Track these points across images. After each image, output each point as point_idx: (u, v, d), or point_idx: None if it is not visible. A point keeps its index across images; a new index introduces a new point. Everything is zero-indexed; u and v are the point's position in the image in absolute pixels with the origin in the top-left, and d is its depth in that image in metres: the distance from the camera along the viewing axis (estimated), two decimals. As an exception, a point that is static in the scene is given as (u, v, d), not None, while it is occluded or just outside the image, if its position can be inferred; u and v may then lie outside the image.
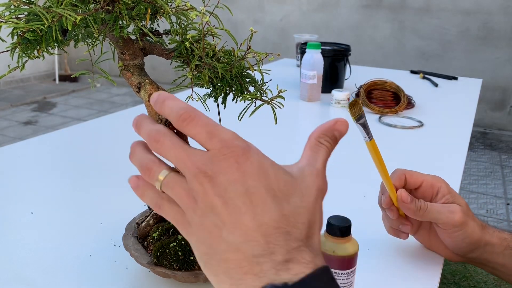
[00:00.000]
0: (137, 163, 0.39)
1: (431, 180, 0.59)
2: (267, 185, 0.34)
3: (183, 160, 0.36)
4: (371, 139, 0.55)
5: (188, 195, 0.35)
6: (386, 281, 0.58)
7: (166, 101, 0.37)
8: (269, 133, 1.12)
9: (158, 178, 0.37)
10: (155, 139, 0.37)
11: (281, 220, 0.34)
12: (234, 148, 0.35)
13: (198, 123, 0.36)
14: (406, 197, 0.57)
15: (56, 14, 0.39)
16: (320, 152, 0.40)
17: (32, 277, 0.56)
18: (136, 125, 0.40)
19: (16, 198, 0.77)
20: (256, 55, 0.48)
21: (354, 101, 0.53)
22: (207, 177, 0.34)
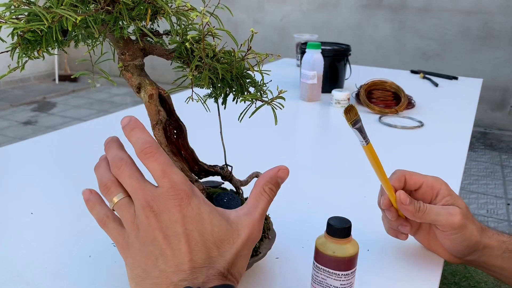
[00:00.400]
0: (98, 177, 0.45)
1: (431, 182, 0.59)
2: (201, 230, 0.41)
3: (136, 191, 0.41)
4: (368, 143, 0.55)
5: (134, 222, 0.41)
6: (387, 281, 0.58)
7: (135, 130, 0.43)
8: (269, 133, 1.12)
9: (113, 199, 0.43)
10: (117, 166, 0.43)
11: (208, 260, 0.40)
12: (180, 191, 0.41)
13: (157, 160, 0.41)
14: (405, 198, 0.56)
15: (56, 14, 0.39)
16: (261, 202, 0.45)
17: (32, 277, 0.56)
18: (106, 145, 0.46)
19: (16, 198, 0.77)
20: (257, 56, 0.48)
21: (349, 106, 0.53)
22: (153, 212, 0.40)
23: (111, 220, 0.43)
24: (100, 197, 0.45)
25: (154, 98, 0.50)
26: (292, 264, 0.60)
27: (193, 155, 0.56)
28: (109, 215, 0.44)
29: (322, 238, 0.51)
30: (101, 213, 0.44)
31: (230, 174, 0.58)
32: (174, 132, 0.54)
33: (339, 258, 0.49)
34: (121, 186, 0.43)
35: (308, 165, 0.99)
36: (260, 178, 0.46)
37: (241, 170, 0.65)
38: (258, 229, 0.44)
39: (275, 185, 0.46)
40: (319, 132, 1.31)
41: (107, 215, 0.44)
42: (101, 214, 0.44)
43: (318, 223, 0.65)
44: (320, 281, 0.51)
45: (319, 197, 0.81)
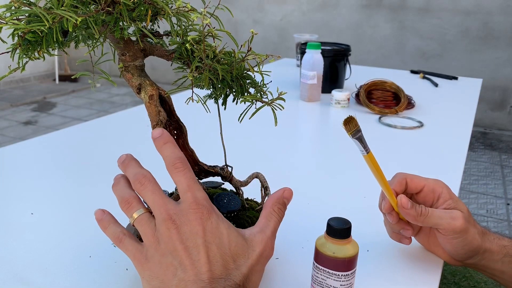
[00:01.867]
0: (118, 194, 0.47)
1: (432, 185, 0.59)
2: (220, 243, 0.43)
3: (159, 205, 0.44)
4: (368, 152, 0.55)
5: (154, 236, 0.43)
6: (386, 282, 0.58)
7: (167, 144, 0.46)
8: (269, 134, 1.12)
9: (133, 215, 0.45)
10: (140, 182, 0.45)
11: (225, 271, 0.42)
12: (201, 206, 0.43)
13: (185, 175, 0.44)
14: (406, 203, 0.56)
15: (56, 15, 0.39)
16: (272, 220, 0.48)
17: (32, 277, 0.56)
18: (123, 164, 0.48)
19: (16, 198, 0.77)
20: (257, 57, 0.48)
21: (348, 117, 0.53)
22: (174, 224, 0.42)
23: (127, 237, 0.45)
24: (113, 216, 0.47)
25: (155, 99, 0.50)
26: (292, 265, 0.60)
27: (193, 156, 0.56)
28: (125, 232, 0.46)
29: (322, 239, 0.51)
30: (117, 231, 0.46)
31: (230, 174, 0.58)
32: (174, 133, 0.54)
33: (339, 259, 0.49)
34: (142, 203, 0.46)
35: (308, 165, 0.99)
36: (268, 200, 0.49)
37: (241, 170, 0.65)
38: (271, 246, 0.47)
39: (282, 205, 0.49)
40: (319, 132, 1.31)
41: (122, 232, 0.45)
42: (117, 232, 0.45)
43: (318, 224, 0.65)
44: (320, 281, 0.51)
45: (319, 198, 0.81)
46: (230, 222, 0.54)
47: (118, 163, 0.48)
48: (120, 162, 0.48)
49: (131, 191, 0.46)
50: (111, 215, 0.47)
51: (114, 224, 0.46)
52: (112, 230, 0.46)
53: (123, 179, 0.48)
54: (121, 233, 0.45)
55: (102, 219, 0.47)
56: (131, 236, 0.45)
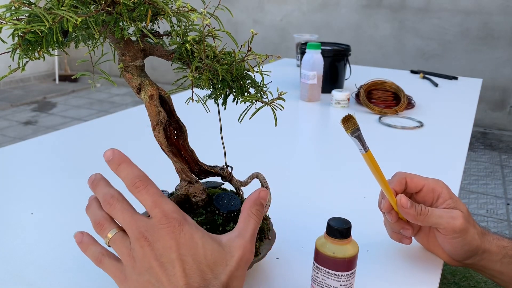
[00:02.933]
0: (91, 216, 0.46)
1: (432, 184, 0.59)
2: (195, 254, 0.42)
3: (129, 224, 0.43)
4: (367, 150, 0.55)
5: (129, 254, 0.43)
6: (386, 282, 0.58)
7: (122, 164, 0.45)
8: (269, 134, 1.12)
9: (107, 235, 0.45)
10: (108, 202, 0.44)
11: (203, 282, 0.42)
12: (172, 219, 0.43)
13: (148, 192, 0.43)
14: (405, 202, 0.56)
15: (56, 15, 0.39)
16: (250, 223, 0.47)
17: (32, 277, 0.56)
18: (92, 184, 0.47)
19: (16, 198, 0.77)
20: (257, 57, 0.48)
21: (347, 116, 0.53)
22: (147, 242, 0.42)
23: (106, 257, 0.45)
24: (92, 237, 0.47)
25: (155, 99, 0.50)
26: (292, 265, 0.60)
27: (193, 156, 0.56)
28: (103, 252, 0.45)
29: (322, 239, 0.51)
30: (96, 251, 0.45)
31: (230, 174, 0.58)
32: (174, 133, 0.54)
33: (339, 259, 0.49)
34: (114, 222, 0.45)
35: (308, 165, 0.99)
36: (245, 203, 0.48)
37: (241, 170, 0.65)
38: (250, 250, 0.46)
39: (260, 206, 0.48)
40: (319, 132, 1.31)
41: (102, 253, 0.45)
42: (96, 252, 0.45)
43: (318, 224, 0.65)
44: (320, 281, 0.51)
45: (319, 198, 0.81)
46: (230, 222, 0.54)
47: (88, 184, 0.47)
48: (89, 182, 0.47)
49: (103, 212, 0.46)
50: (90, 236, 0.47)
51: (94, 245, 0.46)
52: (92, 251, 0.45)
53: (95, 201, 0.47)
54: (100, 254, 0.45)
55: (82, 242, 0.46)
56: (110, 256, 0.45)
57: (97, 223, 0.45)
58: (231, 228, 0.52)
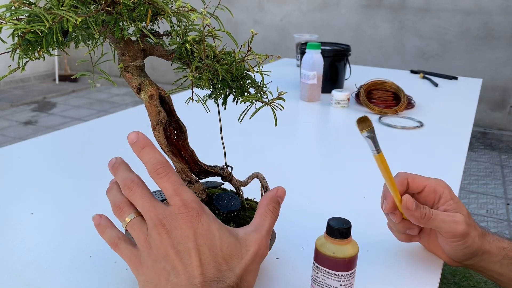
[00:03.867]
0: (111, 199, 0.46)
1: (434, 185, 0.58)
2: (211, 245, 0.43)
3: (148, 210, 0.43)
4: (379, 152, 0.55)
5: (146, 240, 0.43)
6: (386, 282, 0.58)
7: (146, 148, 0.45)
8: (269, 134, 1.12)
9: (125, 219, 0.45)
10: (129, 187, 0.44)
11: (218, 273, 0.42)
12: (191, 209, 0.43)
13: (169, 180, 0.43)
14: (411, 204, 0.56)
15: (56, 15, 0.39)
16: (267, 219, 0.47)
17: (32, 277, 0.56)
18: (113, 168, 0.47)
19: (16, 198, 0.77)
20: (257, 57, 0.48)
21: (363, 117, 0.53)
22: (165, 229, 0.42)
23: (123, 241, 0.45)
24: (110, 221, 0.47)
25: (155, 99, 0.50)
26: (292, 265, 0.60)
27: (193, 156, 0.56)
28: (120, 236, 0.46)
29: (322, 239, 0.51)
30: (112, 235, 0.46)
31: (230, 174, 0.58)
32: (174, 133, 0.54)
33: (339, 259, 0.49)
34: (133, 207, 0.45)
35: (308, 165, 0.99)
36: (262, 199, 0.49)
37: (241, 170, 0.65)
38: (265, 246, 0.46)
39: (277, 203, 0.49)
40: (319, 132, 1.31)
41: (118, 236, 0.45)
42: (113, 236, 0.45)
43: (318, 224, 0.65)
44: (320, 281, 0.51)
45: (319, 197, 0.81)
46: (230, 222, 0.54)
47: (108, 167, 0.48)
48: (110, 166, 0.47)
49: (122, 196, 0.46)
50: (108, 220, 0.47)
51: (111, 229, 0.46)
52: (108, 235, 0.46)
53: (116, 184, 0.47)
54: (117, 238, 0.45)
55: (100, 224, 0.46)
56: (126, 240, 0.45)
57: (116, 206, 0.45)
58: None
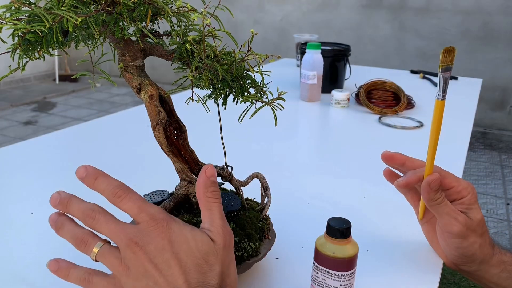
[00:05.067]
0: (69, 236, 0.44)
1: (460, 188, 0.58)
2: (188, 249, 0.42)
3: (117, 233, 0.42)
4: (444, 99, 0.54)
5: (121, 263, 0.42)
6: (386, 282, 0.58)
7: (99, 178, 0.43)
8: (269, 134, 1.13)
9: (93, 250, 0.43)
10: (91, 217, 0.43)
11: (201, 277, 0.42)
12: (160, 220, 0.42)
13: (130, 199, 0.42)
14: (435, 185, 0.55)
15: (56, 15, 0.39)
16: (213, 208, 0.46)
17: (32, 277, 0.56)
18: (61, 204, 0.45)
19: (16, 198, 0.77)
20: (257, 57, 0.48)
21: (450, 48, 0.51)
22: (138, 247, 0.41)
23: (94, 275, 0.43)
24: (69, 261, 0.45)
25: (155, 99, 0.50)
26: (292, 265, 0.60)
27: (193, 156, 0.56)
28: (89, 271, 0.44)
29: (322, 239, 0.51)
30: (80, 273, 0.43)
31: (230, 174, 0.58)
32: (174, 133, 0.54)
33: (338, 259, 0.49)
34: (97, 236, 0.44)
35: (308, 165, 0.99)
36: (197, 189, 0.47)
37: (241, 170, 0.65)
38: (228, 231, 0.45)
39: (212, 185, 0.46)
40: (319, 132, 1.31)
41: (87, 272, 0.44)
42: (81, 274, 0.43)
43: (318, 223, 0.65)
44: (320, 281, 0.51)
45: (319, 197, 0.81)
46: (230, 222, 0.54)
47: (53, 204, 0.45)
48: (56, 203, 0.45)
49: (81, 229, 0.44)
50: (66, 261, 0.45)
51: (75, 268, 0.44)
52: (75, 275, 0.43)
53: (67, 220, 0.45)
54: (87, 274, 0.43)
55: (59, 268, 0.44)
56: (97, 273, 0.44)
57: (79, 240, 0.43)
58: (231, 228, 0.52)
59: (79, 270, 0.44)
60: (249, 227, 0.55)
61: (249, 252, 0.53)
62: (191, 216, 0.54)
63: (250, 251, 0.53)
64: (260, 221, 0.57)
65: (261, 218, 0.58)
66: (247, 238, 0.53)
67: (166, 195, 0.59)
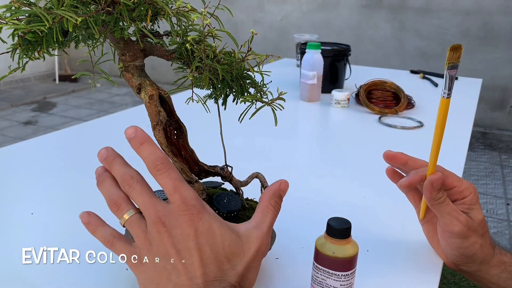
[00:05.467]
0: (106, 195, 0.44)
1: (462, 188, 0.57)
2: (213, 243, 0.42)
3: (148, 207, 0.42)
4: (449, 97, 0.54)
5: (146, 238, 0.42)
6: (386, 282, 0.58)
7: (144, 144, 0.43)
8: (269, 134, 1.12)
9: (123, 216, 0.43)
10: (128, 183, 0.43)
11: (220, 273, 0.41)
12: (191, 207, 0.42)
13: (169, 176, 0.42)
14: (437, 184, 0.55)
15: (56, 15, 0.39)
16: (268, 215, 0.46)
17: (32, 277, 0.56)
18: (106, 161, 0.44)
19: (16, 198, 0.77)
20: (257, 57, 0.48)
21: (458, 45, 0.51)
22: (165, 227, 0.41)
23: (118, 239, 0.44)
24: (100, 218, 0.45)
25: (155, 99, 0.50)
26: (292, 265, 0.60)
27: (193, 156, 0.56)
28: (115, 234, 0.44)
29: (322, 239, 0.51)
30: (106, 234, 0.44)
31: (230, 174, 0.58)
32: (174, 133, 0.54)
33: (339, 259, 0.49)
34: (131, 203, 0.44)
35: (308, 165, 0.99)
36: (264, 193, 0.47)
37: (241, 170, 0.65)
38: (267, 242, 0.46)
39: (279, 198, 0.47)
40: (319, 132, 1.31)
41: (113, 235, 0.44)
42: (107, 235, 0.44)
43: (318, 223, 0.65)
44: (320, 281, 0.51)
45: (319, 197, 0.81)
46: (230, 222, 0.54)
47: (99, 159, 0.45)
48: (102, 158, 0.45)
49: (119, 191, 0.44)
50: (98, 217, 0.45)
51: (103, 227, 0.44)
52: (101, 233, 0.44)
53: (109, 177, 0.45)
54: (111, 236, 0.43)
55: (89, 222, 0.44)
56: (122, 238, 0.44)
57: (113, 202, 0.43)
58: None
59: (106, 230, 0.44)
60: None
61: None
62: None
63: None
64: (260, 221, 0.57)
65: (261, 218, 0.58)
66: (247, 238, 0.53)
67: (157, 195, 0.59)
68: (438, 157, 0.58)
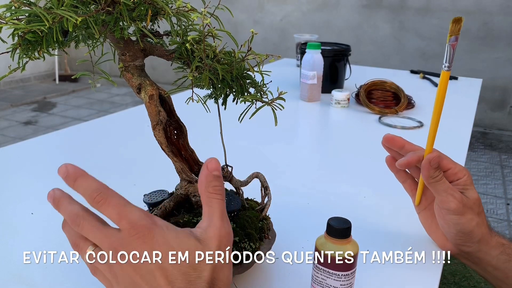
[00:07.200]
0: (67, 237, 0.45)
1: (457, 170, 0.60)
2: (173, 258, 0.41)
3: (101, 241, 0.42)
4: (449, 70, 0.55)
5: (111, 271, 0.42)
6: (386, 282, 0.58)
7: (78, 180, 0.43)
8: (269, 134, 1.12)
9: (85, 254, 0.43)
10: (76, 223, 0.43)
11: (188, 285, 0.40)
12: (140, 228, 0.41)
13: (109, 204, 0.41)
14: (435, 162, 0.58)
15: (56, 15, 0.39)
16: (213, 205, 0.44)
17: (32, 277, 0.56)
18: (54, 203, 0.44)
19: (16, 198, 0.77)
20: (257, 56, 0.48)
21: (459, 18, 0.53)
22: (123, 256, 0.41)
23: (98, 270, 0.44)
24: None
25: (155, 99, 0.50)
26: (292, 265, 0.60)
27: (193, 156, 0.56)
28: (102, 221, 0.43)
29: (322, 239, 0.51)
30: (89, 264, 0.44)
31: (230, 174, 0.58)
32: (174, 133, 0.54)
33: (339, 259, 0.49)
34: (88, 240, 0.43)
35: (308, 165, 0.99)
36: (199, 185, 0.45)
37: (241, 170, 0.65)
38: (226, 233, 0.43)
39: (215, 179, 0.44)
40: (319, 132, 1.31)
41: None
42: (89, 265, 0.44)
43: (318, 223, 0.65)
44: (320, 281, 0.51)
45: (319, 197, 0.81)
46: (230, 222, 0.54)
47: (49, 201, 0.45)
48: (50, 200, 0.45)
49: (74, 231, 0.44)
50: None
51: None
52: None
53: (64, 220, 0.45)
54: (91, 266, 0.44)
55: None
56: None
57: (73, 244, 0.44)
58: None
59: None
60: (249, 227, 0.55)
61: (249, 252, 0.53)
62: (191, 216, 0.54)
63: (250, 251, 0.53)
64: (260, 221, 0.57)
65: (261, 218, 0.58)
66: (247, 238, 0.53)
67: (166, 195, 0.59)
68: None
